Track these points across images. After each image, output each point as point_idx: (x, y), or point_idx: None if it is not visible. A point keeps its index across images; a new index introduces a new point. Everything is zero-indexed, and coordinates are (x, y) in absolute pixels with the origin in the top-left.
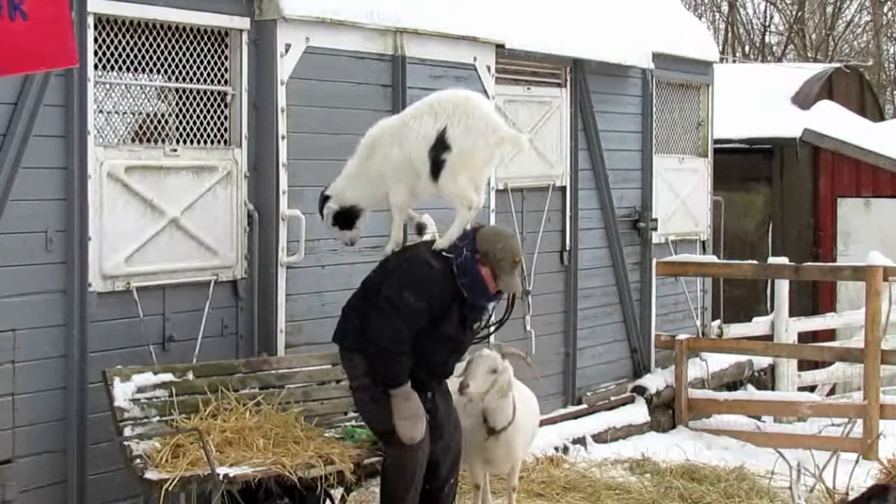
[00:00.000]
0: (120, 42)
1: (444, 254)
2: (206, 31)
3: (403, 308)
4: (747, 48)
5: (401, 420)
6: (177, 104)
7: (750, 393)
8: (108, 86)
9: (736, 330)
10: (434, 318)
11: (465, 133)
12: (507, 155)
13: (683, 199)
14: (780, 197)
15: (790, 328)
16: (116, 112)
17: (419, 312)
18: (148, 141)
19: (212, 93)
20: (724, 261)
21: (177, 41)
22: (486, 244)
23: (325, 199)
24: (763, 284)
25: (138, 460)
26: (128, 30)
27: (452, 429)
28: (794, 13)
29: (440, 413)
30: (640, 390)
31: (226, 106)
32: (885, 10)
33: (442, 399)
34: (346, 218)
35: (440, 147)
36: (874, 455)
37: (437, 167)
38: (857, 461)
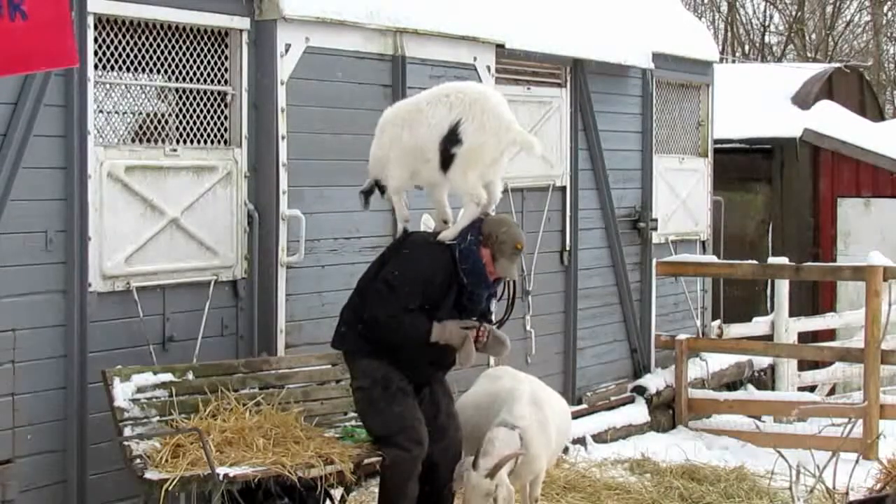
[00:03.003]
0: (120, 42)
1: (447, 242)
2: (206, 31)
3: (399, 288)
4: (747, 48)
5: (461, 355)
6: (177, 104)
7: (750, 393)
8: (108, 86)
9: (736, 330)
10: (429, 305)
11: (478, 129)
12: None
13: (683, 199)
14: (780, 197)
15: (790, 328)
16: (116, 112)
17: (413, 294)
18: (148, 141)
19: (212, 93)
20: (724, 261)
21: (177, 41)
22: (490, 227)
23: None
24: (763, 284)
25: (138, 460)
26: (128, 30)
27: (453, 431)
28: (793, 13)
29: (441, 414)
30: (640, 390)
31: (226, 106)
32: (885, 10)
33: (444, 399)
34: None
35: (451, 140)
36: (874, 455)
37: (447, 160)
38: (857, 461)
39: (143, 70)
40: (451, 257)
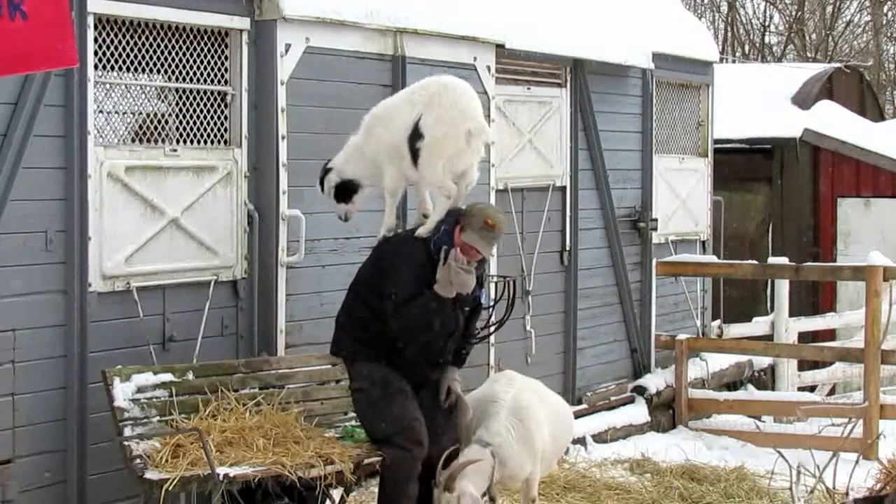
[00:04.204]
0: (120, 42)
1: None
2: (206, 31)
3: (399, 294)
4: (747, 48)
5: (455, 279)
6: (177, 104)
7: (750, 393)
8: (108, 86)
9: (736, 330)
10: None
11: (436, 122)
12: (509, 152)
13: (683, 199)
14: (780, 197)
15: (790, 328)
16: (116, 112)
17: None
18: (148, 141)
19: (212, 93)
20: (724, 261)
21: (177, 41)
22: (469, 207)
23: (326, 170)
24: (763, 284)
25: (138, 460)
26: (128, 30)
27: (452, 431)
28: (794, 13)
29: (439, 415)
30: (640, 390)
31: (226, 106)
32: (885, 10)
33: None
34: (345, 191)
35: (415, 135)
36: (874, 455)
37: (414, 155)
38: (857, 461)
39: (143, 70)
40: (426, 250)
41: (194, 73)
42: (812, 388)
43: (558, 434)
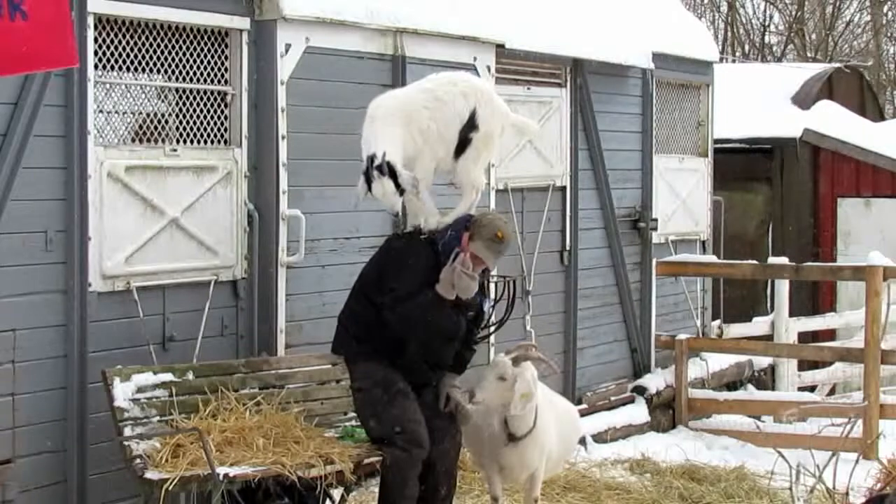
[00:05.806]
0: (120, 42)
1: (430, 237)
2: (206, 31)
3: (400, 289)
4: (747, 48)
5: (458, 286)
6: (177, 104)
7: (750, 393)
8: (108, 86)
9: (736, 330)
10: None
11: (491, 115)
12: (509, 152)
13: (683, 199)
14: (780, 197)
15: (790, 328)
16: (116, 112)
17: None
18: (148, 141)
19: (212, 93)
20: (724, 261)
21: (177, 41)
22: (479, 216)
23: (389, 166)
24: (763, 284)
25: (138, 460)
26: (128, 30)
27: (453, 432)
28: (793, 13)
29: (441, 416)
30: (640, 390)
31: (226, 106)
32: (885, 10)
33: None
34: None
35: (470, 126)
36: (874, 455)
37: (461, 146)
38: (857, 461)
39: (143, 70)
40: (433, 252)
41: (194, 73)
42: (812, 388)
43: (564, 436)
